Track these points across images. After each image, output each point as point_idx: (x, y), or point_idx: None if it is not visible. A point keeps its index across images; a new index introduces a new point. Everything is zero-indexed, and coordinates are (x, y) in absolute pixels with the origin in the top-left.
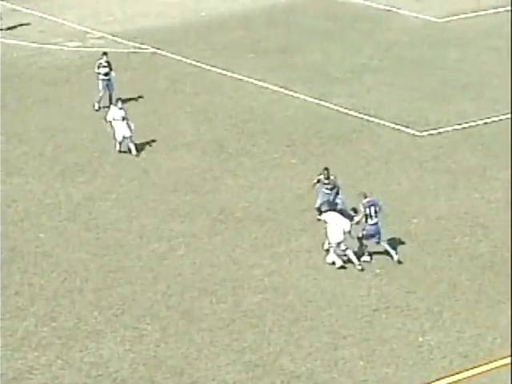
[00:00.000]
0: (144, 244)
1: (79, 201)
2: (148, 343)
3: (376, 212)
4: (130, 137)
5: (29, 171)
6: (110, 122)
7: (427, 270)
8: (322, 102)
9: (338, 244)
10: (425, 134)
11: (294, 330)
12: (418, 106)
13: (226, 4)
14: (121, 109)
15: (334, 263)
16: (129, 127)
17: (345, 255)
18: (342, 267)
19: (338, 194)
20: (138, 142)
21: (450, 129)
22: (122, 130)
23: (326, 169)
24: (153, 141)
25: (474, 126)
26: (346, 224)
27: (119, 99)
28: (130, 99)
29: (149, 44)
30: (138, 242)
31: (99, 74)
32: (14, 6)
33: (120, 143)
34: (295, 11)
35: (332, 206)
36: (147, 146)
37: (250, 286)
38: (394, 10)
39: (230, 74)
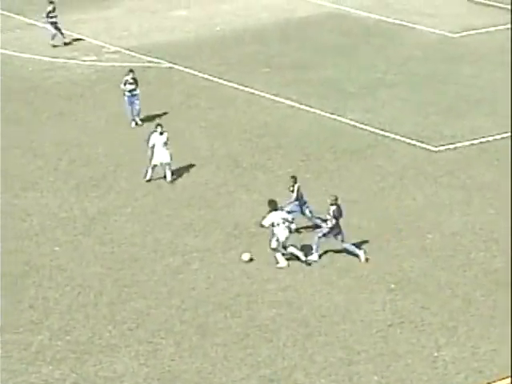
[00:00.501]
0: (158, 258)
1: (94, 215)
2: (162, 358)
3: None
4: (168, 163)
5: (44, 185)
6: (152, 147)
7: (442, 285)
8: (336, 117)
9: (285, 241)
10: (439, 149)
11: (308, 344)
12: (433, 121)
13: (240, 19)
14: (161, 134)
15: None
16: (168, 153)
17: (288, 253)
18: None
19: (305, 203)
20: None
21: (464, 144)
22: (160, 156)
23: (293, 177)
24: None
25: (488, 141)
26: (291, 221)
27: (159, 125)
28: (145, 113)
29: (164, 58)
30: (152, 256)
31: (125, 90)
32: (30, 21)
33: (153, 169)
34: (309, 26)
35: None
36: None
37: (264, 300)
38: (409, 25)
39: (244, 88)
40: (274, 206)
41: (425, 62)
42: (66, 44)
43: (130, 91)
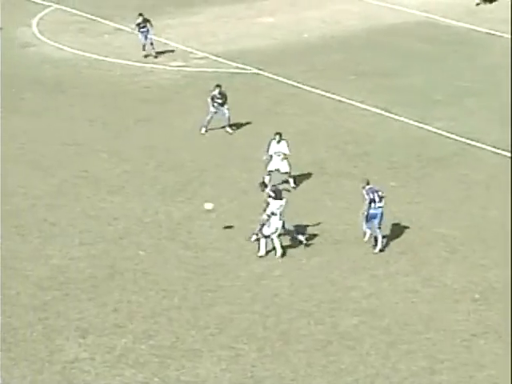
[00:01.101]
0: (242, 264)
1: (179, 220)
2: (245, 363)
3: (380, 198)
4: (286, 172)
5: (130, 190)
6: (271, 156)
7: None
8: (422, 125)
9: (280, 230)
10: None
11: (391, 353)
12: None
13: (328, 26)
14: (279, 142)
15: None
16: (286, 162)
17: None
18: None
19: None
20: (238, 162)
21: None
22: (276, 164)
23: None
24: (253, 161)
25: None
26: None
27: (278, 133)
28: (232, 120)
29: (251, 65)
30: (236, 261)
31: (213, 105)
32: (118, 26)
33: (269, 175)
34: (396, 34)
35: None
36: (247, 167)
37: (348, 307)
38: (497, 33)
39: (330, 95)
40: (279, 195)
41: None
42: (156, 54)
43: (218, 104)
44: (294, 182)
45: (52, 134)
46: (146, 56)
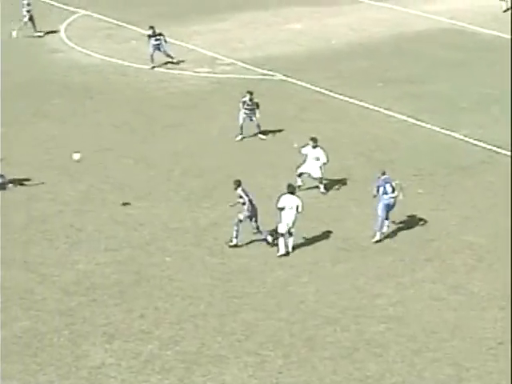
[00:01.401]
0: (268, 271)
1: (205, 226)
2: (271, 370)
3: (393, 188)
4: (319, 178)
5: (156, 196)
6: (305, 158)
7: None
8: (449, 132)
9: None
10: None
11: (417, 360)
12: None
13: (355, 33)
14: (315, 147)
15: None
16: (318, 168)
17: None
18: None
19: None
20: (264, 168)
21: None
22: (309, 168)
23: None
24: (278, 168)
25: None
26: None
27: (313, 138)
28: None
29: (277, 71)
30: (262, 268)
31: (245, 111)
32: (145, 32)
33: (299, 176)
34: (423, 41)
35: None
36: (272, 173)
37: (374, 315)
38: None
39: (356, 102)
40: (291, 189)
41: None
42: (177, 61)
43: (248, 110)
44: (325, 188)
45: (79, 139)
46: (153, 67)
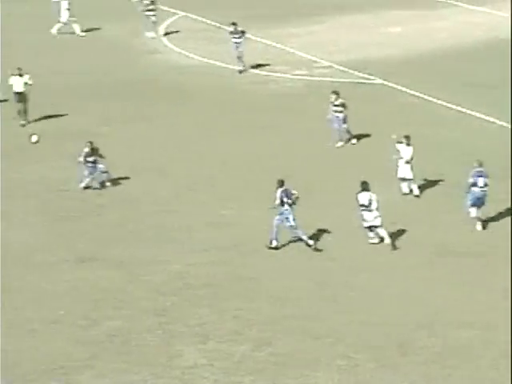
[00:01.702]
0: (358, 273)
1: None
2: (363, 373)
3: (485, 183)
4: (410, 180)
5: (247, 196)
6: (397, 159)
7: None
8: None
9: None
10: None
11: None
12: None
13: (454, 37)
14: (408, 145)
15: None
16: (409, 169)
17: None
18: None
19: None
20: (351, 172)
21: None
22: (402, 171)
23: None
24: (372, 171)
25: None
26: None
27: (407, 136)
28: (355, 130)
29: (376, 75)
30: (353, 271)
31: (335, 114)
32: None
33: (402, 182)
34: None
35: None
36: (366, 177)
37: (466, 320)
38: None
39: (454, 106)
40: (365, 186)
41: None
42: (240, 72)
43: (337, 112)
44: (419, 191)
45: (175, 140)
46: (240, 72)
